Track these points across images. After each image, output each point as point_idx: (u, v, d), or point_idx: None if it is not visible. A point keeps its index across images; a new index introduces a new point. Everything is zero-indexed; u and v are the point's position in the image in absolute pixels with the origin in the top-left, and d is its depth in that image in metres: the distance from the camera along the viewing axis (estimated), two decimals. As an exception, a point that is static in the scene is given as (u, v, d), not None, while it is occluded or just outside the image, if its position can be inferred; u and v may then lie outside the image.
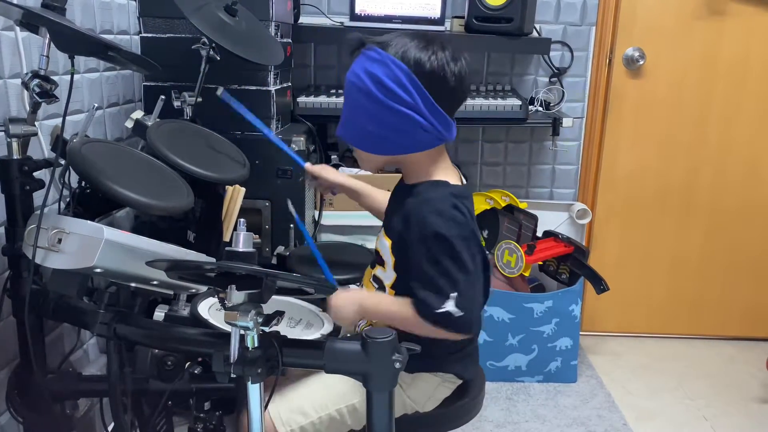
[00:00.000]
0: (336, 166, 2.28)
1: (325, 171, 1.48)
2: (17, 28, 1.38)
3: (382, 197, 1.43)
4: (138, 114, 1.59)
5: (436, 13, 2.29)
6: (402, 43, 1.14)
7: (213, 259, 1.23)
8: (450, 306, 1.09)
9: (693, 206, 2.65)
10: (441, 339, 1.14)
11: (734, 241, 2.67)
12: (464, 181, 1.27)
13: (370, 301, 1.21)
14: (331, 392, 1.22)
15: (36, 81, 1.14)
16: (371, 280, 1.29)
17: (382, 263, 1.25)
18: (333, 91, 2.32)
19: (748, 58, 2.50)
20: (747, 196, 2.63)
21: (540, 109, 2.49)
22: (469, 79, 1.20)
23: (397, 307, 1.15)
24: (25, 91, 1.18)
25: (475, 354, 1.33)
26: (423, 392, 1.27)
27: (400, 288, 1.21)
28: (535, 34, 2.41)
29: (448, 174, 1.22)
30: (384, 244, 1.23)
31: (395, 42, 1.14)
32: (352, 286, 1.35)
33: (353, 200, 1.50)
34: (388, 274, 1.24)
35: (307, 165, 1.49)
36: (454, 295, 1.09)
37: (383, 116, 1.12)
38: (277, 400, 1.20)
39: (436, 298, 1.10)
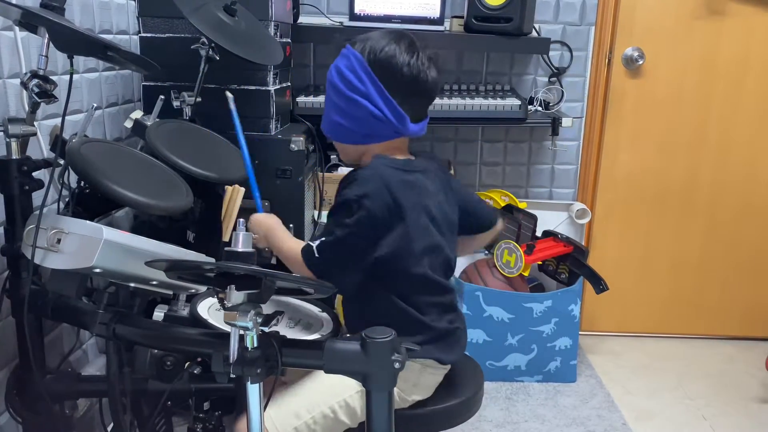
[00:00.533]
0: (336, 166, 2.29)
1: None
2: (16, 28, 1.38)
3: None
4: (137, 114, 1.59)
5: (435, 12, 2.29)
6: (368, 37, 1.22)
7: (212, 259, 1.23)
8: (315, 244, 1.20)
9: (692, 206, 2.65)
10: (404, 319, 1.22)
11: (733, 241, 2.68)
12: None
13: (276, 233, 1.32)
14: (320, 390, 1.23)
15: (35, 81, 1.14)
16: None
17: None
18: (332, 90, 2.32)
19: (747, 58, 2.50)
20: (746, 195, 2.63)
21: (539, 108, 2.49)
22: (432, 78, 1.23)
23: (294, 244, 1.27)
24: (24, 91, 1.18)
25: (454, 339, 1.31)
26: (406, 380, 1.26)
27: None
28: (534, 33, 2.41)
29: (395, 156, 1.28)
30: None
31: (365, 37, 1.23)
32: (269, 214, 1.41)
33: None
34: None
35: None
36: (322, 238, 1.20)
37: (342, 105, 1.21)
38: (271, 409, 1.20)
39: (315, 238, 1.22)
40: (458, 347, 1.33)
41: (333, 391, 1.23)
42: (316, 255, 1.19)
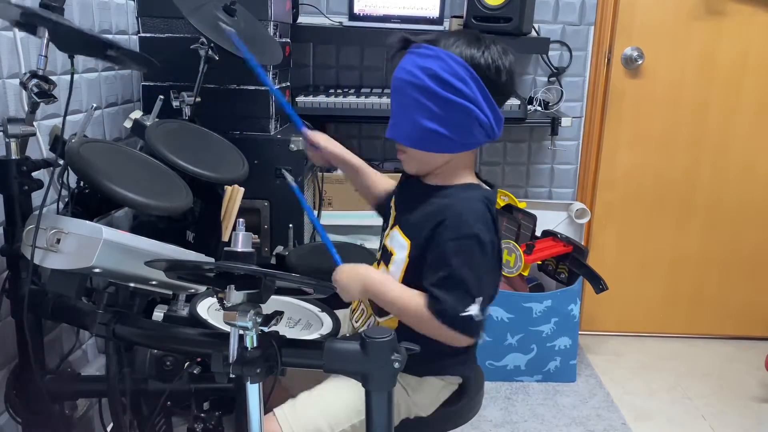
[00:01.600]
0: (335, 167, 2.28)
1: (325, 140, 1.38)
2: (15, 28, 1.38)
3: (380, 180, 1.41)
4: (137, 114, 1.59)
5: (434, 12, 2.29)
6: (452, 40, 1.12)
7: (212, 259, 1.23)
8: (474, 310, 1.08)
9: (691, 205, 2.66)
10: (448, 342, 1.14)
11: (732, 241, 2.68)
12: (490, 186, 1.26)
13: (375, 282, 1.15)
14: (347, 407, 1.18)
15: (34, 81, 1.13)
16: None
17: (388, 262, 1.22)
18: (332, 91, 2.33)
19: (746, 58, 2.50)
20: (745, 195, 2.63)
21: (539, 108, 2.49)
22: (517, 75, 1.19)
23: (408, 298, 1.12)
24: (24, 91, 1.18)
25: (475, 353, 1.33)
26: (428, 396, 1.26)
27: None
28: (533, 33, 2.41)
29: (474, 178, 1.22)
30: (401, 244, 1.20)
31: (444, 39, 1.13)
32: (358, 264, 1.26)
33: (348, 177, 1.43)
34: (394, 273, 1.21)
35: (306, 130, 1.37)
36: (480, 299, 1.09)
37: (441, 110, 1.10)
38: (289, 415, 1.17)
39: (462, 301, 1.08)
40: (475, 362, 1.35)
41: (358, 410, 1.16)
42: (481, 318, 1.09)
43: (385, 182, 1.41)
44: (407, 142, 1.16)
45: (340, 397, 1.19)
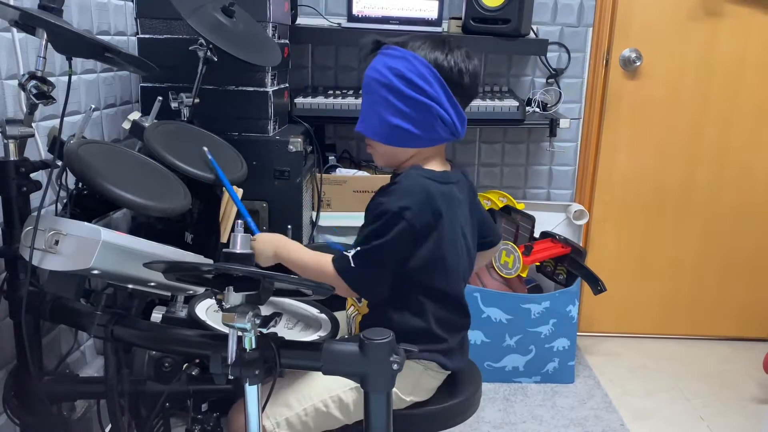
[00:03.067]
0: (333, 167, 2.29)
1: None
2: (14, 29, 1.38)
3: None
4: (135, 115, 1.58)
5: (433, 14, 2.29)
6: (419, 43, 1.21)
7: (210, 261, 1.23)
8: (351, 253, 1.18)
9: (689, 207, 2.66)
10: (418, 331, 1.22)
11: (730, 242, 2.68)
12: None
13: (286, 247, 1.28)
14: (314, 384, 1.24)
15: (33, 82, 1.13)
16: None
17: None
18: (330, 92, 2.33)
19: (744, 59, 2.51)
20: (743, 196, 2.64)
21: (537, 110, 2.49)
22: (480, 79, 1.25)
23: (313, 256, 1.24)
24: (22, 93, 1.18)
25: (458, 348, 1.32)
26: (406, 380, 1.26)
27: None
28: (532, 35, 2.41)
29: (435, 165, 1.27)
30: None
31: (412, 42, 1.21)
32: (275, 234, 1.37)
33: None
34: None
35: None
36: (358, 248, 1.18)
37: (406, 108, 1.18)
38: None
39: (351, 246, 1.20)
40: (462, 356, 1.35)
41: (327, 386, 1.23)
42: (352, 265, 1.18)
43: None
44: (375, 136, 1.25)
45: (310, 376, 1.24)
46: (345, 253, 1.19)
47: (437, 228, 1.21)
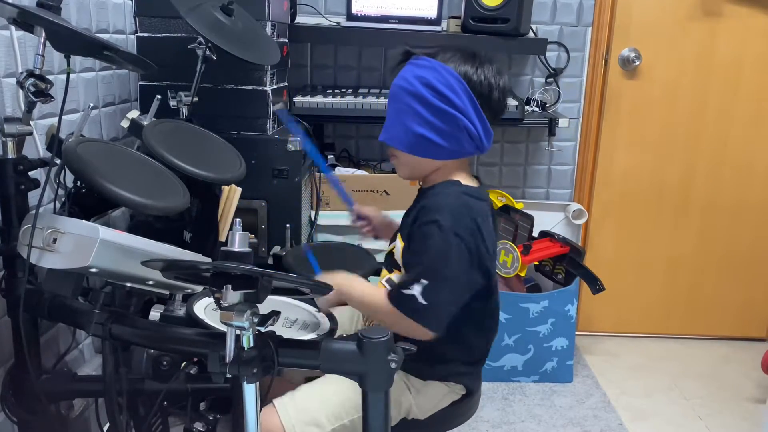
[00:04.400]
0: (333, 167, 2.29)
1: (373, 211, 1.47)
2: (12, 27, 1.37)
3: None
4: (134, 113, 1.58)
5: (432, 13, 2.29)
6: (449, 55, 1.19)
7: (209, 259, 1.23)
8: (416, 290, 1.10)
9: (688, 206, 2.66)
10: (457, 349, 1.20)
11: (728, 241, 2.68)
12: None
13: (350, 285, 1.20)
14: (346, 402, 1.20)
15: (31, 80, 1.13)
16: (384, 281, 1.28)
17: (399, 267, 1.25)
18: (330, 91, 2.32)
19: (742, 59, 2.51)
20: (741, 196, 2.64)
21: (536, 109, 2.49)
22: (508, 95, 1.25)
23: (371, 290, 1.17)
24: (21, 91, 1.17)
25: (482, 365, 1.34)
26: (431, 400, 1.27)
27: None
28: (531, 34, 2.41)
29: (464, 179, 1.24)
30: (398, 248, 1.24)
31: (442, 53, 1.19)
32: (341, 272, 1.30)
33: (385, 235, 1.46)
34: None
35: (356, 206, 1.48)
36: (424, 282, 1.10)
37: (433, 119, 1.16)
38: (289, 407, 1.19)
39: (407, 280, 1.12)
40: (480, 375, 1.36)
41: (356, 404, 1.15)
42: (424, 303, 1.10)
43: None
44: (398, 145, 1.21)
45: (340, 391, 1.21)
46: (402, 291, 1.11)
47: (486, 248, 1.17)
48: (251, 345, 0.93)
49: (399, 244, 1.24)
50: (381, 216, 1.47)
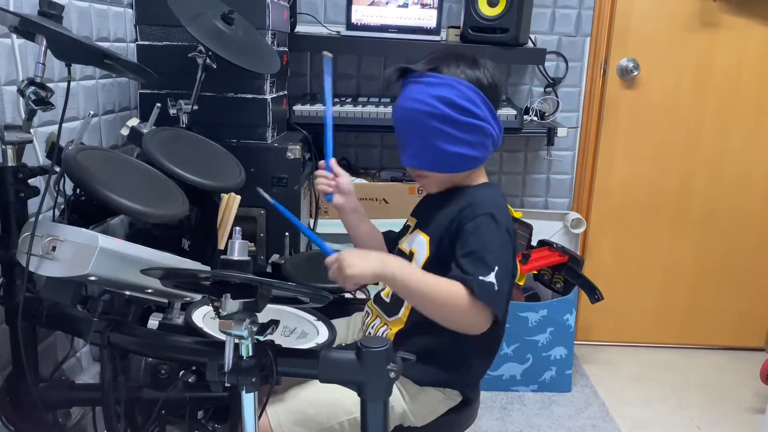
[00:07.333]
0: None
1: (348, 182, 1.36)
2: (13, 35, 1.38)
3: (370, 230, 1.39)
4: (134, 121, 1.59)
5: (431, 23, 2.30)
6: (453, 66, 1.19)
7: (208, 268, 1.23)
8: (493, 277, 1.09)
9: (687, 216, 2.67)
10: (455, 349, 1.19)
11: (727, 251, 2.69)
12: None
13: (399, 263, 1.10)
14: (336, 405, 1.20)
15: (32, 88, 1.13)
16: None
17: (409, 260, 1.24)
18: (329, 99, 2.33)
19: (740, 69, 2.52)
20: (740, 205, 2.65)
21: (535, 118, 2.50)
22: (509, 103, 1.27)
23: (435, 279, 1.10)
24: (21, 99, 1.18)
25: (481, 374, 1.33)
26: (426, 407, 1.26)
27: None
28: (530, 44, 2.42)
29: (485, 177, 1.30)
30: (420, 241, 1.24)
31: (445, 66, 1.18)
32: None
33: (346, 216, 1.37)
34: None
35: (332, 161, 1.37)
36: (496, 268, 1.10)
37: (463, 134, 1.17)
38: (278, 407, 1.19)
39: (482, 270, 1.09)
40: (478, 383, 1.35)
41: (347, 409, 1.19)
42: (497, 288, 1.09)
43: (380, 237, 1.40)
44: (435, 168, 1.22)
45: (330, 394, 1.19)
46: (482, 279, 1.08)
47: (514, 243, 1.20)
48: (250, 354, 0.93)
49: (421, 237, 1.24)
50: (352, 187, 1.36)
